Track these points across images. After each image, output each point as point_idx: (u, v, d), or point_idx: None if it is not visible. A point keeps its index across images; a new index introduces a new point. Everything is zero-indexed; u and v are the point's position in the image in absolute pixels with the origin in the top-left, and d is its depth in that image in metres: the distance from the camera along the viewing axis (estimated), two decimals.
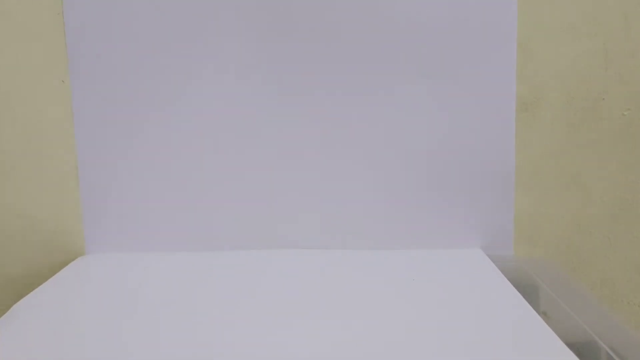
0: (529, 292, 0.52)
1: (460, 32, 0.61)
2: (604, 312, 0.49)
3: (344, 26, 0.61)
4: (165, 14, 0.61)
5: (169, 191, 0.63)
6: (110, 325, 0.46)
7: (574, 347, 0.40)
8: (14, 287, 0.64)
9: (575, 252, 0.63)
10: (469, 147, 0.62)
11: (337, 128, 0.62)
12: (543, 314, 0.47)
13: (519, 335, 0.43)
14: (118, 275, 0.58)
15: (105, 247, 0.64)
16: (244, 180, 0.63)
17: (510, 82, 0.61)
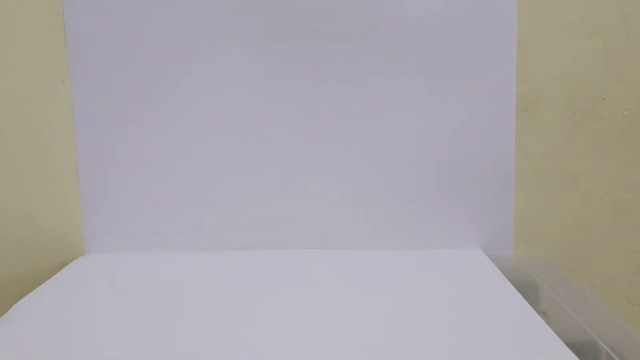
0: (529, 292, 0.52)
1: (460, 32, 0.61)
2: (604, 312, 0.49)
3: (343, 26, 0.61)
4: (165, 13, 0.61)
5: (169, 191, 0.63)
6: (110, 325, 0.46)
7: (574, 347, 0.40)
8: (14, 287, 0.65)
9: (575, 252, 0.63)
10: (468, 147, 0.62)
11: (337, 128, 0.62)
12: (543, 314, 0.47)
13: (519, 335, 0.43)
14: (118, 275, 0.58)
15: (105, 247, 0.64)
16: (244, 180, 0.63)
17: (510, 82, 0.61)
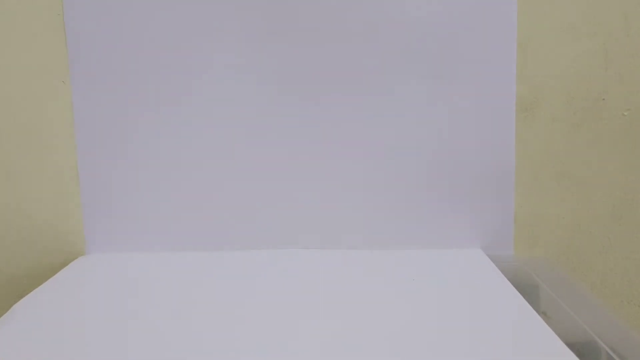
0: (529, 292, 0.52)
1: (460, 32, 0.61)
2: (604, 312, 0.49)
3: (343, 26, 0.61)
4: (165, 14, 0.61)
5: (169, 191, 0.63)
6: (110, 325, 0.46)
7: (574, 347, 0.40)
8: (14, 287, 0.65)
9: (575, 252, 0.63)
10: (468, 147, 0.62)
11: (337, 128, 0.62)
12: (543, 314, 0.47)
13: (519, 335, 0.43)
14: (118, 275, 0.58)
15: (105, 247, 0.64)
16: (244, 180, 0.63)
17: (510, 82, 0.61)
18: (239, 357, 0.41)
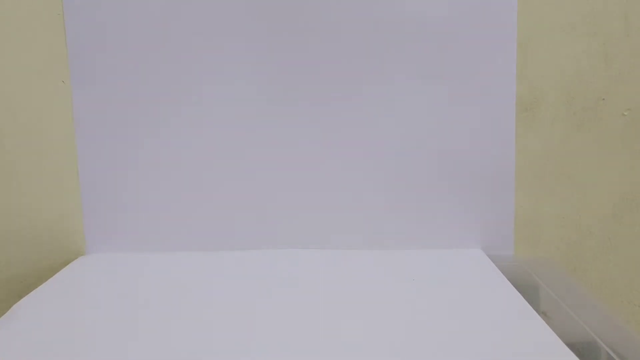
0: (529, 292, 0.52)
1: (460, 32, 0.60)
2: (604, 312, 0.49)
3: (343, 26, 0.61)
4: (165, 14, 0.61)
5: (169, 191, 0.63)
6: (110, 325, 0.46)
7: (574, 347, 0.40)
8: (14, 287, 0.65)
9: (575, 252, 0.63)
10: (468, 147, 0.62)
11: (337, 128, 0.62)
12: (543, 314, 0.47)
13: (519, 335, 0.43)
14: (118, 275, 0.58)
15: (105, 247, 0.64)
16: (244, 180, 0.63)
17: (510, 82, 0.61)
18: (239, 357, 0.41)
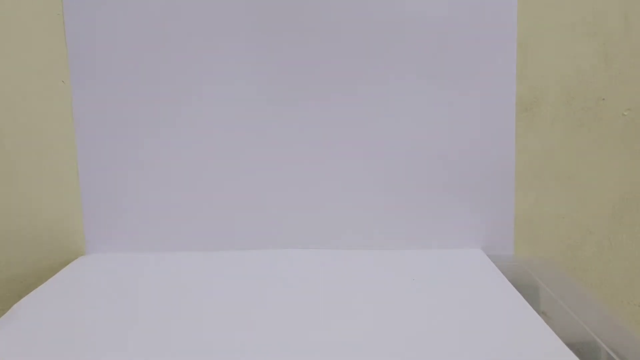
0: (529, 292, 0.52)
1: (460, 32, 0.60)
2: (604, 312, 0.49)
3: (343, 26, 0.61)
4: (165, 14, 0.61)
5: (169, 191, 0.63)
6: (110, 325, 0.46)
7: (574, 347, 0.40)
8: (14, 287, 0.65)
9: (575, 252, 0.63)
10: (469, 147, 0.62)
11: (336, 129, 0.62)
12: (543, 314, 0.47)
13: (519, 335, 0.43)
14: (118, 275, 0.58)
15: (105, 247, 0.64)
16: (244, 180, 0.63)
17: (510, 82, 0.61)
18: (239, 356, 0.41)
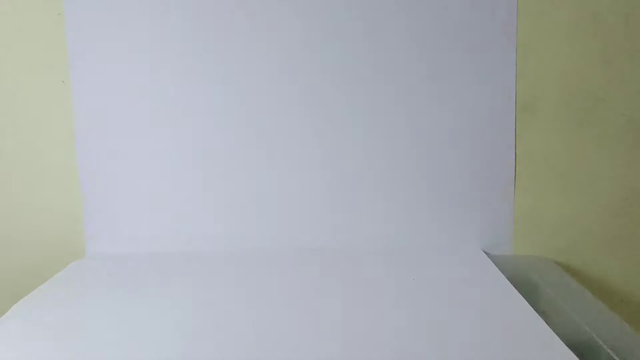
0: (529, 292, 0.52)
1: (460, 32, 0.61)
2: (604, 312, 0.49)
3: (344, 27, 0.61)
4: (165, 14, 0.61)
5: (169, 192, 0.63)
6: (110, 325, 0.46)
7: (574, 347, 0.40)
8: (14, 287, 0.65)
9: (575, 252, 0.63)
10: (469, 147, 0.62)
11: (336, 129, 0.62)
12: (543, 314, 0.47)
13: (519, 335, 0.43)
14: (118, 275, 0.58)
15: (105, 247, 0.64)
16: (244, 181, 0.63)
17: (510, 82, 0.61)
18: (239, 356, 0.41)
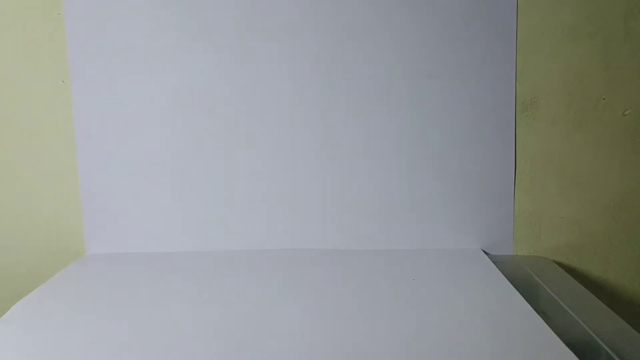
0: (529, 292, 0.52)
1: (460, 32, 0.61)
2: (604, 312, 0.49)
3: (345, 26, 0.61)
4: (165, 14, 0.61)
5: (169, 191, 0.63)
6: (110, 325, 0.46)
7: (574, 347, 0.40)
8: (14, 287, 0.65)
9: (575, 252, 0.63)
10: (469, 147, 0.62)
11: (336, 129, 0.62)
12: (543, 314, 0.47)
13: (519, 335, 0.43)
14: (118, 275, 0.58)
15: (105, 247, 0.64)
16: (244, 181, 0.63)
17: (510, 82, 0.61)
18: (239, 356, 0.41)
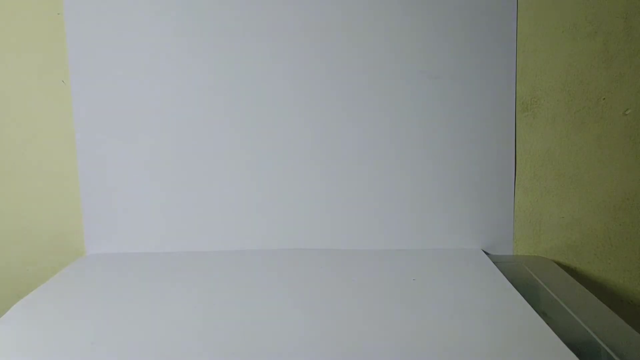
0: (529, 292, 0.52)
1: (460, 32, 0.61)
2: (604, 312, 0.49)
3: (344, 26, 0.61)
4: (165, 15, 0.61)
5: (168, 192, 0.63)
6: (110, 325, 0.46)
7: (574, 347, 0.40)
8: (15, 287, 0.65)
9: (575, 252, 0.63)
10: (469, 147, 0.62)
11: (336, 129, 0.62)
12: (543, 314, 0.47)
13: (519, 335, 0.43)
14: (118, 275, 0.58)
15: (105, 247, 0.64)
16: (244, 181, 0.63)
17: (510, 82, 0.61)
18: (240, 356, 0.41)
